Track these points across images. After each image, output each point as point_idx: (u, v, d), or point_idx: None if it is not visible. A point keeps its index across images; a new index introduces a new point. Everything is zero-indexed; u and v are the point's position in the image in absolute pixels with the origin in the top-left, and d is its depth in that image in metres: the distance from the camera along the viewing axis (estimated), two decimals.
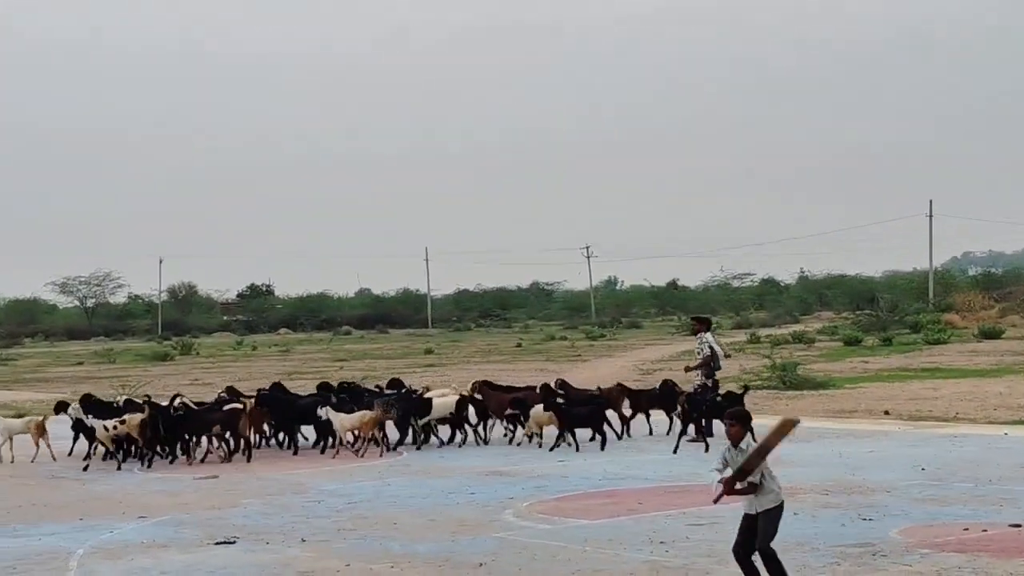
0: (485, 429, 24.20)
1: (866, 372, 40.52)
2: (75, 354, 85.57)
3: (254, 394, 25.10)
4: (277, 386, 26.63)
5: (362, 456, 22.17)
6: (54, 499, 18.49)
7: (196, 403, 24.56)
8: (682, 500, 16.32)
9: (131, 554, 13.97)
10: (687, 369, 25.63)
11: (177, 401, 23.52)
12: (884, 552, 12.78)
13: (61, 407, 24.38)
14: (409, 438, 23.53)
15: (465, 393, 24.51)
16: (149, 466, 21.69)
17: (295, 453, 23.29)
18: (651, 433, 24.39)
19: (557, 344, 76.50)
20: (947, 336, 59.29)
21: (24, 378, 56.97)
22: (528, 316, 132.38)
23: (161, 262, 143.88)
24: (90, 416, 22.55)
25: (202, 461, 22.23)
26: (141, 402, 23.32)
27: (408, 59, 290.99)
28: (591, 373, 46.08)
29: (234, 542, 14.48)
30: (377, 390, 25.45)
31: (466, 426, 23.95)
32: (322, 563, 13.15)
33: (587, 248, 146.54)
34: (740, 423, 10.54)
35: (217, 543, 14.45)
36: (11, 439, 23.32)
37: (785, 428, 10.18)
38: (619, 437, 23.66)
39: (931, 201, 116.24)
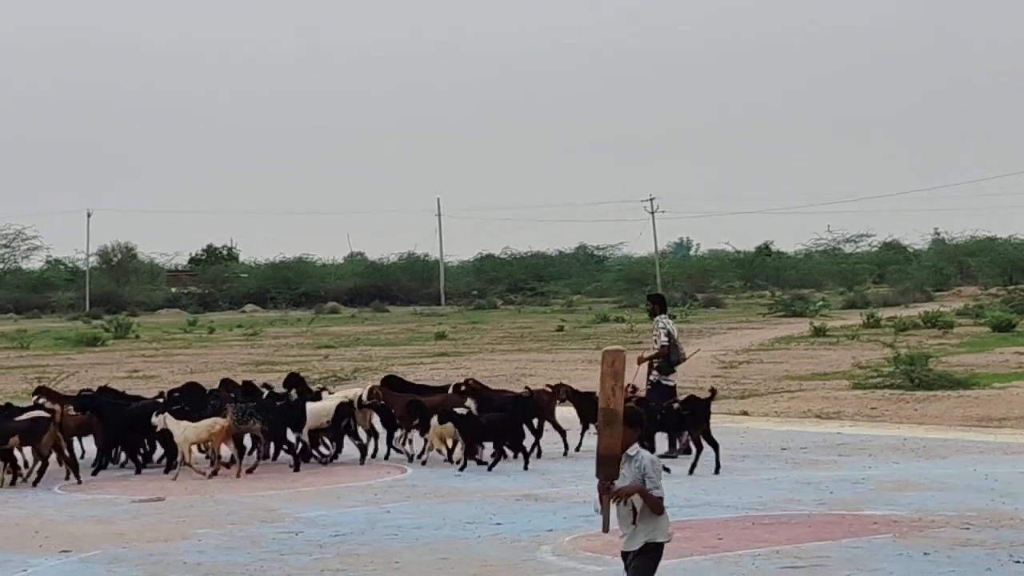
0: (389, 441, 24.62)
1: (1021, 367, 40.37)
2: None
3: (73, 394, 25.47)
4: (105, 389, 27.03)
5: (210, 477, 22.48)
6: None
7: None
8: (774, 535, 16.31)
9: None
10: (640, 361, 25.09)
11: None
12: None
13: None
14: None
15: (347, 398, 24.63)
16: None
17: (138, 471, 23.63)
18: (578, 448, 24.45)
19: (611, 327, 76.23)
20: None
21: None
22: (573, 290, 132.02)
23: (89, 216, 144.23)
24: None
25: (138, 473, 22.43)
26: None
27: None
28: None
29: None
30: (266, 390, 25.58)
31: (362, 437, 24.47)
32: None
33: (651, 201, 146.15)
34: (629, 425, 10.51)
35: None
36: None
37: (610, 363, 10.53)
38: (539, 454, 23.73)
39: None
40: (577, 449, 24.21)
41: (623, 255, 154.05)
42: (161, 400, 24.64)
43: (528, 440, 23.39)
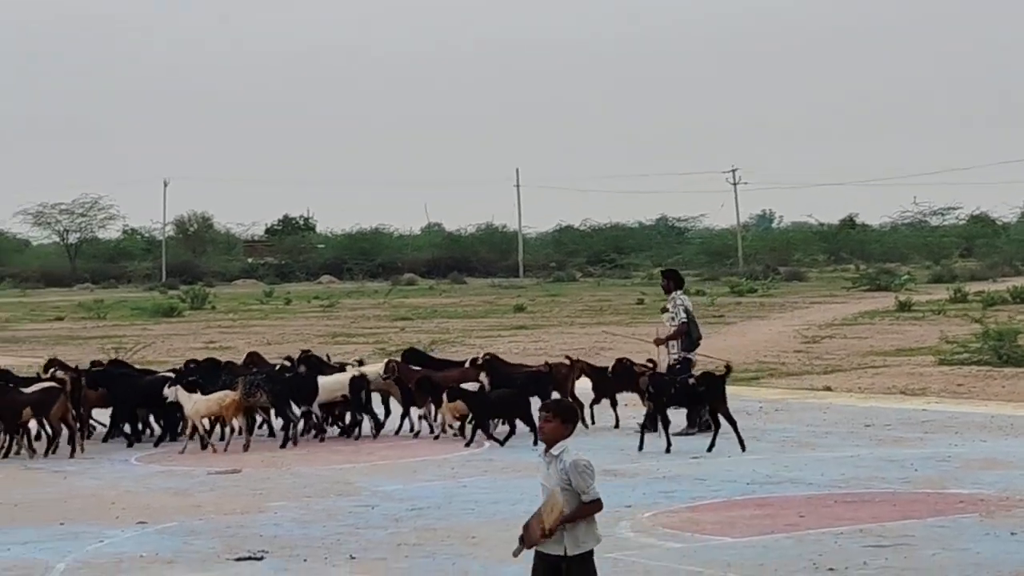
0: (405, 416, 24.83)
1: None
2: (54, 306, 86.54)
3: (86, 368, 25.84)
4: (117, 362, 27.58)
5: (225, 450, 22.74)
6: (27, 497, 18.75)
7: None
8: (859, 513, 16.23)
9: (127, 571, 14.16)
10: (658, 343, 24.88)
11: None
12: None
13: None
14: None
15: (359, 371, 24.86)
16: None
17: (130, 445, 23.92)
18: (616, 426, 24.61)
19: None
20: None
21: None
22: (653, 262, 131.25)
23: (166, 186, 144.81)
24: None
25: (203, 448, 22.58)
26: None
27: None
28: (737, 340, 45.93)
29: (261, 558, 14.60)
30: (288, 363, 25.75)
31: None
32: None
33: (733, 172, 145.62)
34: (559, 418, 9.52)
35: (239, 559, 14.59)
36: None
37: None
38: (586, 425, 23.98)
39: None
40: (592, 422, 24.50)
41: (704, 227, 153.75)
42: (173, 374, 24.83)
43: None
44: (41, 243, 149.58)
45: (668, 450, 21.43)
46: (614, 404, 24.84)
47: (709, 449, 21.33)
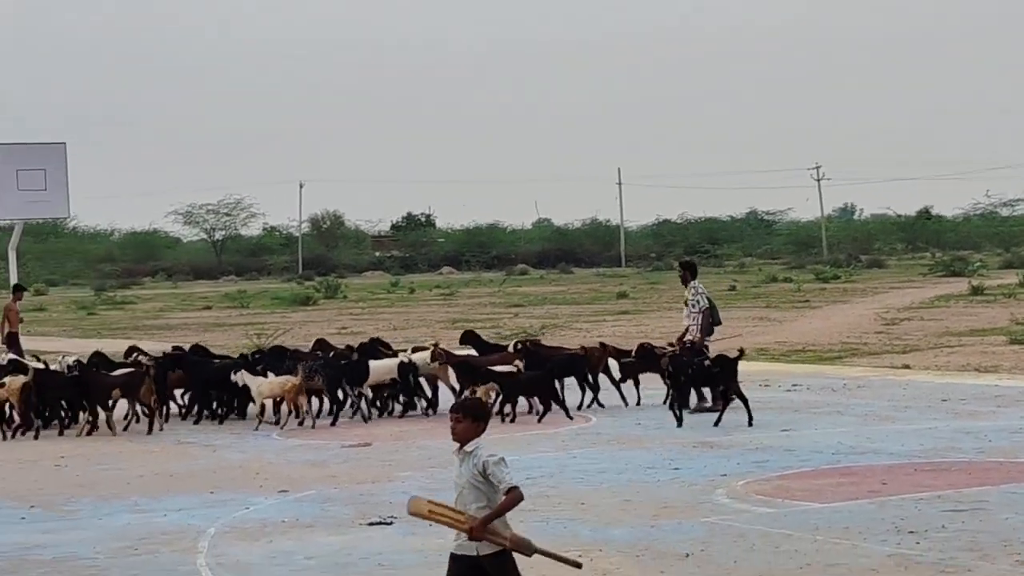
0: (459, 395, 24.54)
1: None
2: (202, 296, 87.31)
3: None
4: (198, 348, 27.95)
5: (282, 427, 22.98)
6: (181, 468, 18.95)
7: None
8: (937, 480, 16.07)
9: (271, 534, 14.29)
10: (696, 341, 24.20)
11: (70, 360, 24.96)
12: None
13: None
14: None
15: (408, 358, 24.97)
16: (36, 437, 22.80)
17: (196, 422, 24.29)
18: (639, 403, 24.59)
19: (779, 287, 75.60)
20: None
21: (143, 324, 58.28)
22: (744, 252, 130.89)
23: (302, 187, 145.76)
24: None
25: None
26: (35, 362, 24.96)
27: None
28: (822, 323, 45.62)
29: (391, 523, 14.65)
30: (347, 351, 26.01)
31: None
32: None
33: (817, 169, 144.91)
34: (469, 418, 8.91)
35: (371, 523, 14.66)
36: None
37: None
38: (592, 404, 24.42)
39: None
40: (625, 403, 24.50)
41: (790, 220, 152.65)
42: (243, 360, 25.31)
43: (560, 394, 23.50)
44: (190, 240, 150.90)
45: (679, 425, 21.53)
46: (637, 384, 24.77)
47: (716, 424, 21.43)
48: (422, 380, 24.97)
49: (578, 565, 9.25)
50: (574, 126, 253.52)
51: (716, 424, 21.35)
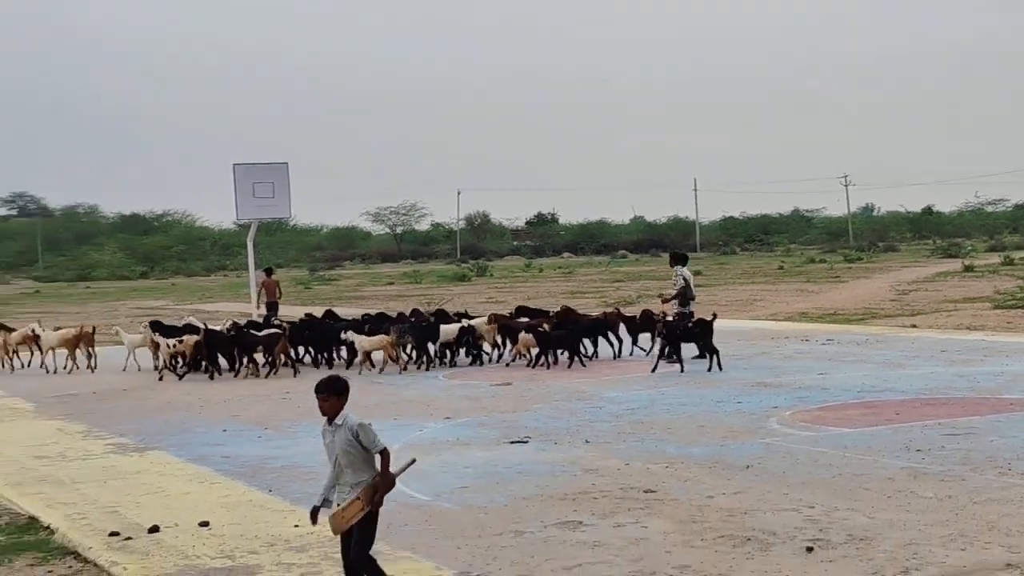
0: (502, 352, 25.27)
1: None
2: (386, 275, 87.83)
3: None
4: (329, 313, 28.76)
5: (381, 371, 23.33)
6: (371, 401, 19.07)
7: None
8: (938, 412, 15.86)
9: (440, 450, 14.38)
10: (664, 300, 25.08)
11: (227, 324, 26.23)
12: None
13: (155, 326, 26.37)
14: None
15: (467, 323, 25.50)
16: (211, 378, 23.83)
17: (330, 367, 24.59)
18: (647, 352, 24.64)
19: (816, 267, 74.86)
20: None
21: (345, 295, 58.90)
22: (789, 240, 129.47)
23: (459, 194, 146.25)
24: (158, 334, 25.26)
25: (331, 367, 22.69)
26: (202, 326, 25.66)
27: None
28: (849, 292, 45.11)
29: (527, 441, 14.73)
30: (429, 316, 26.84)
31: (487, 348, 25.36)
32: (605, 462, 13.26)
33: (845, 177, 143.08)
34: (333, 395, 7.99)
35: (512, 442, 14.73)
36: (133, 352, 26.22)
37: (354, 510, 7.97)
38: (616, 356, 24.71)
39: None
40: (618, 356, 24.55)
41: (825, 216, 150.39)
42: (352, 323, 26.08)
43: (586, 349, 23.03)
44: (378, 234, 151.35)
45: (654, 371, 21.56)
46: (635, 341, 25.22)
47: (708, 369, 21.42)
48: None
49: (412, 461, 8.73)
50: (661, 144, 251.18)
51: (708, 370, 21.44)
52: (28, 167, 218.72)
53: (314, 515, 8.37)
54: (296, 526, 10.79)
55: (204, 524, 11.11)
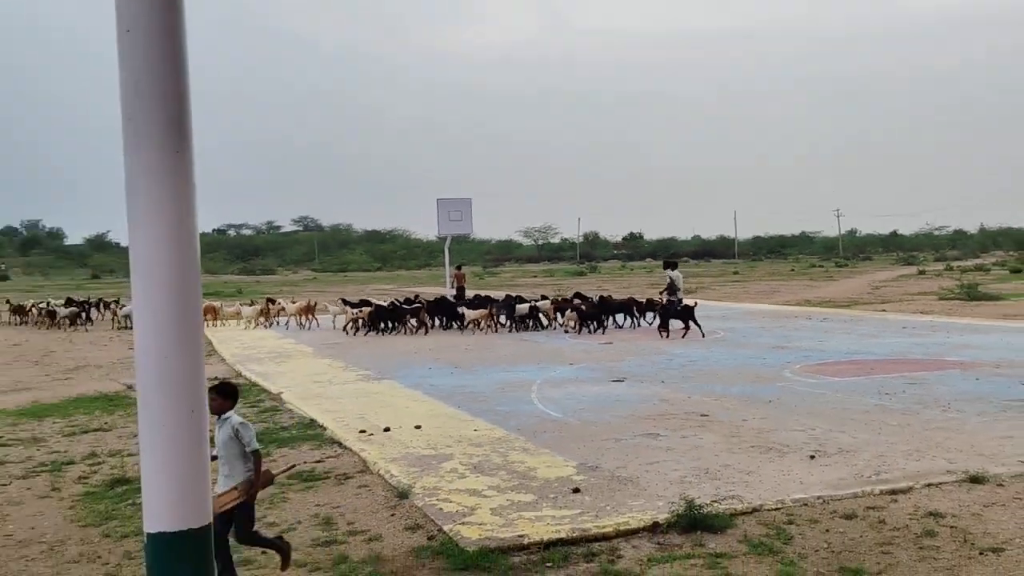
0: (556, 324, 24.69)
1: None
2: (531, 271, 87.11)
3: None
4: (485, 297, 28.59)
5: (485, 332, 23.43)
6: (524, 351, 19.18)
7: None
8: (900, 368, 15.35)
9: (565, 385, 14.36)
10: (660, 293, 24.07)
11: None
12: None
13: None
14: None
15: (535, 304, 25.29)
16: (379, 334, 23.93)
17: (461, 329, 24.36)
18: (649, 324, 24.52)
19: (816, 270, 72.62)
20: None
21: (505, 284, 58.61)
22: (798, 252, 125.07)
23: (580, 220, 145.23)
24: (348, 307, 25.68)
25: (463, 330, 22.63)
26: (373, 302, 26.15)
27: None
28: (838, 288, 43.84)
29: (623, 381, 14.63)
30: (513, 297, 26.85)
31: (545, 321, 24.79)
32: (675, 395, 13.16)
33: (837, 210, 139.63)
34: (220, 396, 6.48)
35: (613, 381, 14.64)
36: (335, 318, 26.88)
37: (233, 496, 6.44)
38: (636, 325, 24.48)
39: None
40: (636, 327, 23.82)
41: (822, 236, 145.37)
42: (464, 301, 26.83)
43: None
44: (526, 244, 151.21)
45: (665, 337, 21.15)
46: (643, 317, 25.04)
47: (703, 336, 20.96)
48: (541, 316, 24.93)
49: (293, 466, 7.91)
50: (802, 179, 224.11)
51: (703, 336, 20.96)
52: (311, 198, 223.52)
53: None
54: (475, 431, 10.93)
55: (417, 427, 11.33)
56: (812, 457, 9.23)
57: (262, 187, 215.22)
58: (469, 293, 31.54)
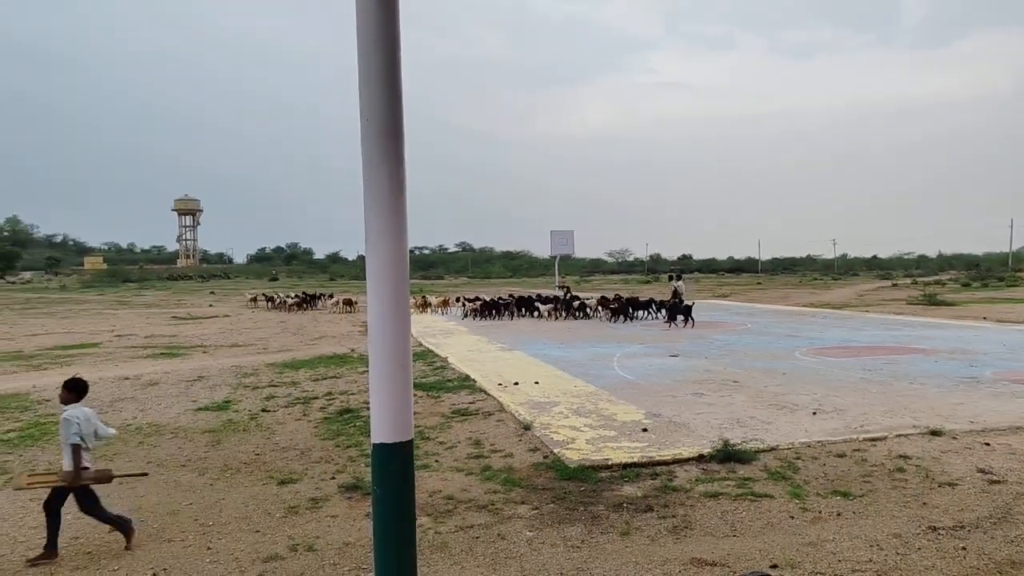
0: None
1: (973, 299, 33.70)
2: (612, 279, 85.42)
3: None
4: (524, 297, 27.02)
5: (554, 320, 22.04)
6: (608, 333, 18.80)
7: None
8: (880, 352, 14.39)
9: (639, 358, 14.07)
10: (671, 297, 22.66)
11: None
12: (982, 381, 10.77)
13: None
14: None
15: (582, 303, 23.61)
16: (484, 320, 22.65)
17: (536, 318, 23.08)
18: (664, 319, 22.66)
19: (818, 282, 68.88)
20: (1018, 283, 48.71)
21: (597, 288, 57.65)
22: (804, 269, 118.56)
23: (647, 245, 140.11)
24: (466, 302, 24.11)
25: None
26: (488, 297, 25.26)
27: None
28: (834, 295, 41.51)
29: (677, 356, 14.23)
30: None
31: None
32: (713, 367, 12.72)
33: (834, 240, 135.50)
34: (66, 390, 5.23)
35: (671, 356, 14.26)
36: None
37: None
38: (653, 318, 22.63)
39: None
40: (654, 319, 22.44)
41: (824, 258, 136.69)
42: (538, 298, 25.47)
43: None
44: (608, 261, 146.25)
45: (669, 328, 19.75)
46: (658, 312, 23.01)
47: (692, 326, 19.83)
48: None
49: (144, 473, 5.92)
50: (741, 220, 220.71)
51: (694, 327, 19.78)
52: (471, 225, 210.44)
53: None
54: (575, 387, 10.89)
55: (536, 383, 11.35)
56: (814, 413, 8.82)
57: (438, 222, 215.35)
58: (548, 293, 30.76)
